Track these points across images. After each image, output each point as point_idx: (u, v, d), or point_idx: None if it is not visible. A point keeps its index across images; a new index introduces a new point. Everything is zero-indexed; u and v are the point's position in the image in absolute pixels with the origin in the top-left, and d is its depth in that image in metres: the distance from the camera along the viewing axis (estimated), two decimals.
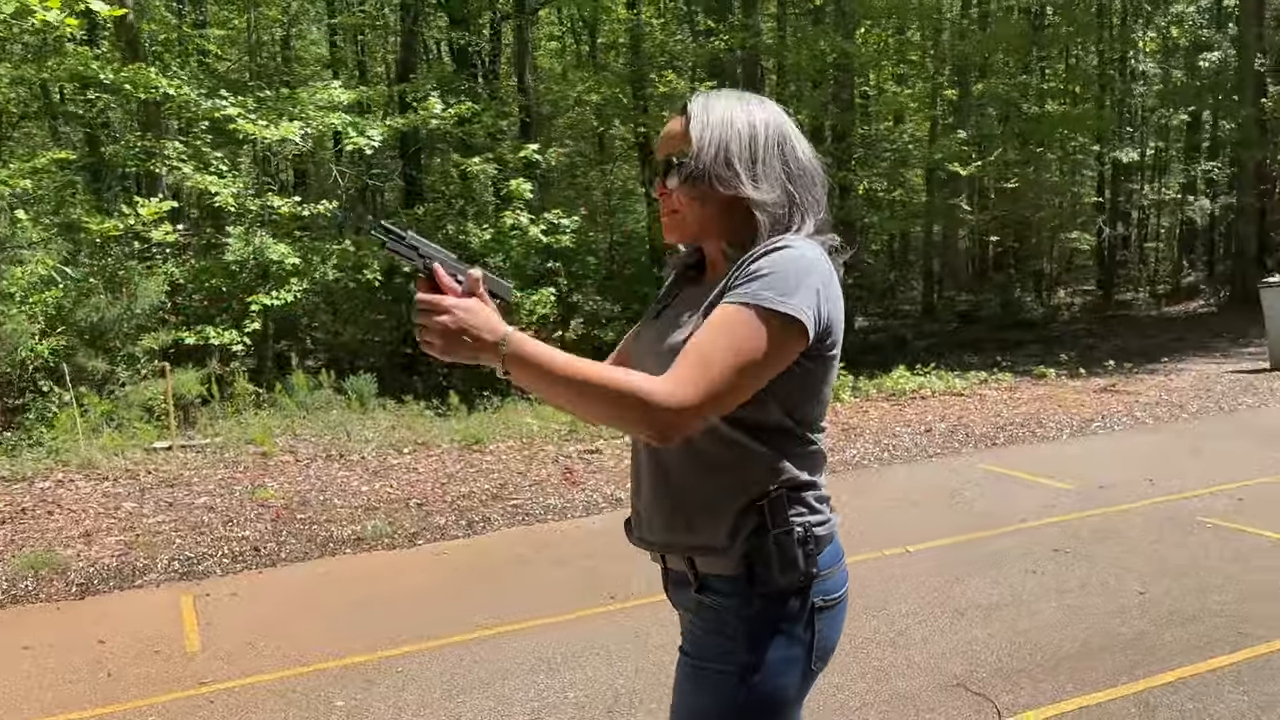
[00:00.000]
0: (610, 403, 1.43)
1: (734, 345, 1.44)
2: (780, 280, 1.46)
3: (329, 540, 5.68)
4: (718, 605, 1.58)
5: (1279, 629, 3.83)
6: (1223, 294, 20.69)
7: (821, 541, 1.58)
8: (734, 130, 1.58)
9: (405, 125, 10.50)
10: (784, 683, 1.57)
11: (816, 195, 1.63)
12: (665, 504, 1.61)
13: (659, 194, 1.64)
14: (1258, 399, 9.27)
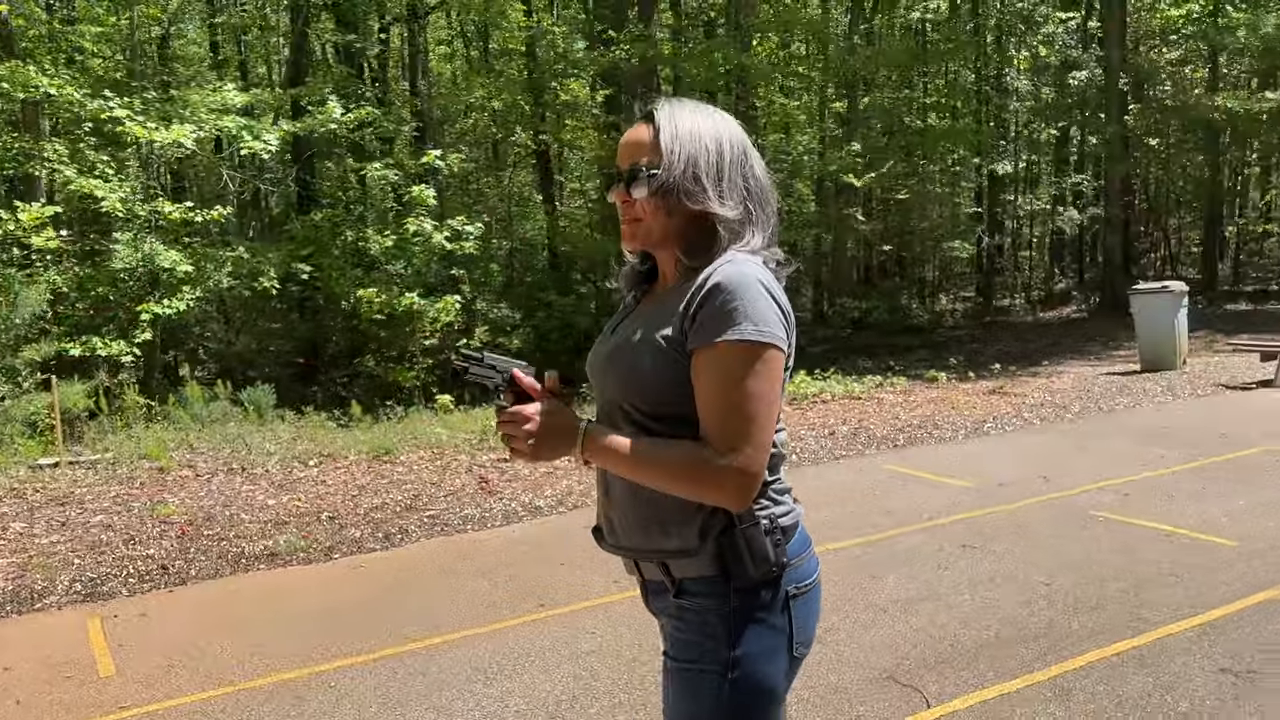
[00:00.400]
0: (683, 483, 1.55)
1: (753, 389, 1.53)
2: (751, 309, 1.53)
3: (240, 556, 5.52)
4: (698, 606, 1.62)
5: (1173, 614, 4.10)
6: (1093, 300, 21.84)
7: (788, 531, 1.64)
8: (702, 145, 1.61)
9: (303, 129, 10.26)
10: (769, 671, 1.62)
11: (769, 211, 1.69)
12: (639, 511, 1.65)
13: (621, 201, 1.66)
14: (1132, 399, 9.84)
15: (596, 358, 1.76)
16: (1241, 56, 22.18)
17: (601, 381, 1.71)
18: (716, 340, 1.52)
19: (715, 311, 1.53)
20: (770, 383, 1.55)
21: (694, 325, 1.55)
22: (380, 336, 11.57)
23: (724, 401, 1.52)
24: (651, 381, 1.59)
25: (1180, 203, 27.57)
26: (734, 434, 1.51)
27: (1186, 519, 5.47)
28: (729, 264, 1.57)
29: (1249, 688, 3.40)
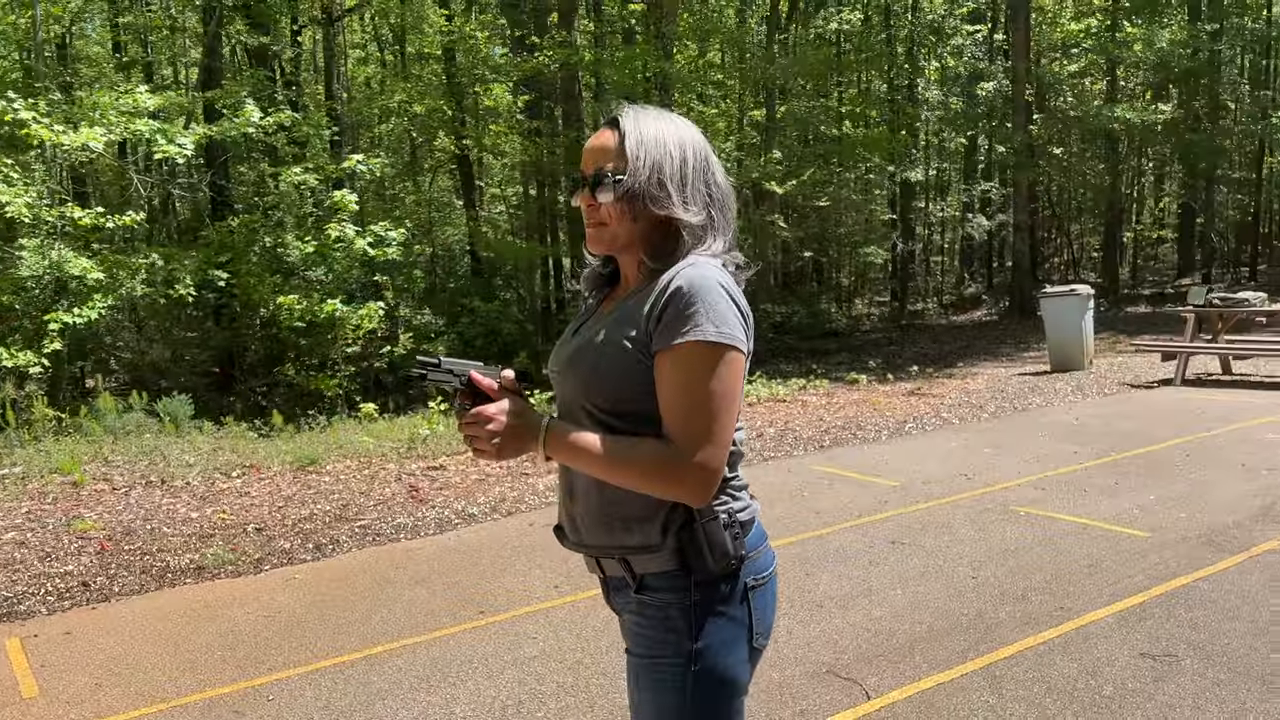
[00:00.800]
0: (644, 479, 1.58)
1: (715, 389, 1.57)
2: (712, 311, 1.57)
3: (166, 570, 5.37)
4: (659, 601, 1.66)
5: (1093, 602, 4.28)
6: (1002, 303, 22.55)
7: (746, 526, 1.69)
8: (666, 151, 1.66)
9: (219, 133, 10.01)
10: (731, 662, 1.66)
11: (729, 216, 1.74)
12: (602, 509, 1.68)
13: (586, 205, 1.70)
14: (1044, 398, 10.20)
15: (559, 358, 1.78)
16: (1137, 70, 23.17)
17: (563, 381, 1.74)
18: (679, 341, 1.56)
19: (678, 313, 1.57)
20: (731, 382, 1.59)
21: (658, 327, 1.59)
22: (301, 344, 11.34)
23: (686, 400, 1.56)
24: (615, 381, 1.63)
25: (1082, 209, 28.67)
26: (696, 432, 1.56)
27: (1101, 512, 5.70)
28: (690, 267, 1.62)
29: (1168, 670, 3.57)
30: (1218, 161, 22.31)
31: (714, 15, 24.13)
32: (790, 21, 23.45)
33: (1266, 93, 23.83)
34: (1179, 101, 21.88)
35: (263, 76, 14.40)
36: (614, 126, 1.69)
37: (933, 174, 29.34)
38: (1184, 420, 8.51)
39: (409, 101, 15.96)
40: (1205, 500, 5.85)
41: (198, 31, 17.81)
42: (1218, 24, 20.95)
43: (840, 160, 19.48)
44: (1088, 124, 20.86)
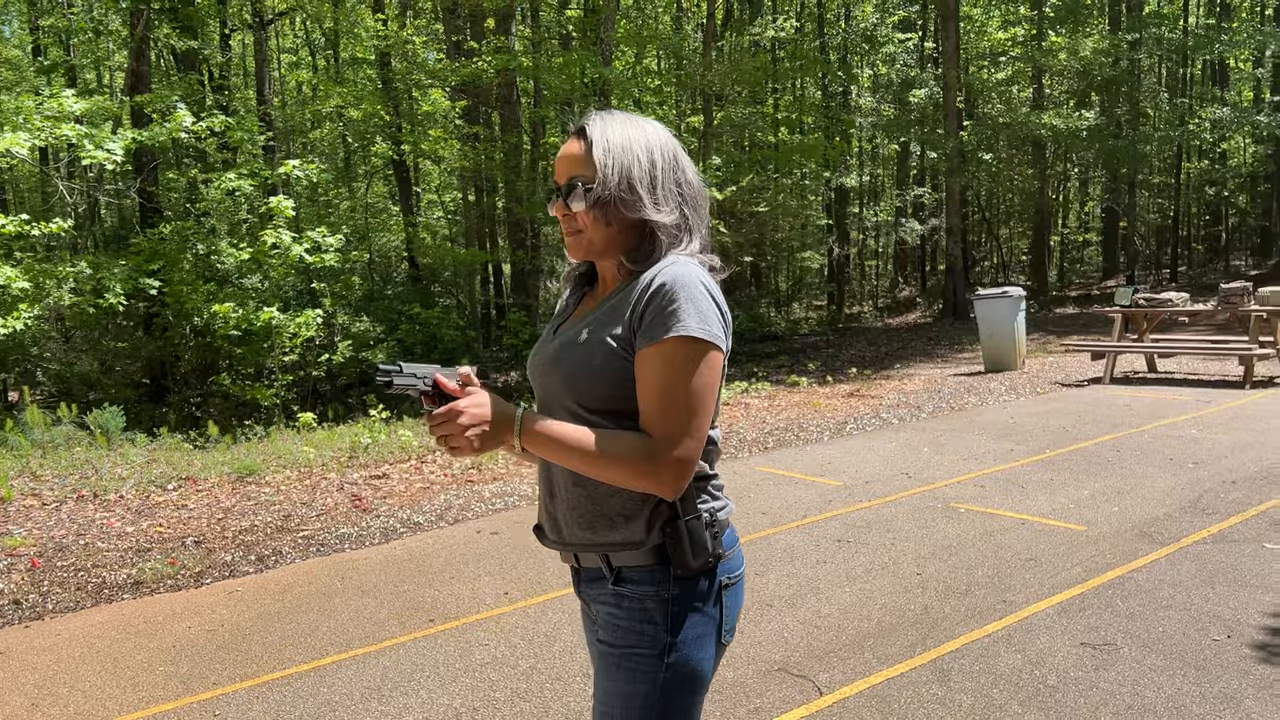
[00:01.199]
0: (618, 471, 1.60)
1: (695, 384, 1.60)
2: (694, 307, 1.60)
3: (102, 586, 5.22)
4: (637, 594, 1.69)
5: (1034, 595, 4.39)
6: (936, 306, 22.98)
7: (723, 525, 1.74)
8: (634, 155, 1.68)
9: (150, 138, 9.78)
10: (701, 657, 1.70)
11: (703, 215, 1.77)
12: (587, 507, 1.71)
13: (560, 214, 1.73)
14: (979, 398, 10.42)
15: (540, 358, 1.80)
16: (1062, 78, 23.82)
17: (544, 380, 1.75)
18: (662, 337, 1.59)
19: (661, 310, 1.59)
20: (709, 379, 1.62)
21: (641, 323, 1.61)
22: (236, 353, 11.12)
23: (665, 394, 1.59)
24: (598, 378, 1.65)
25: (1011, 214, 29.36)
26: (674, 426, 1.58)
27: (1039, 507, 5.85)
28: (672, 265, 1.65)
29: (1108, 658, 3.68)
30: (1139, 167, 23.03)
31: (650, 22, 24.27)
32: (726, 29, 23.69)
33: (1183, 100, 24.68)
34: (1102, 108, 22.54)
35: (193, 81, 14.10)
36: (581, 135, 1.72)
37: (867, 180, 29.84)
38: (1114, 417, 8.77)
39: (344, 106, 15.75)
40: (1137, 494, 6.04)
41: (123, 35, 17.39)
42: (1137, 34, 21.64)
43: (777, 166, 19.71)
44: (1016, 130, 21.39)
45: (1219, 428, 8.00)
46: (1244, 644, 3.74)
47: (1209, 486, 6.13)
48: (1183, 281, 23.81)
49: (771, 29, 20.75)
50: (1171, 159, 25.28)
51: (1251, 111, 22.09)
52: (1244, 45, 21.75)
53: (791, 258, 24.50)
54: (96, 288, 9.90)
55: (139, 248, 10.84)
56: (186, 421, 10.34)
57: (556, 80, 14.97)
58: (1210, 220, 30.10)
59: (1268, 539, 5.01)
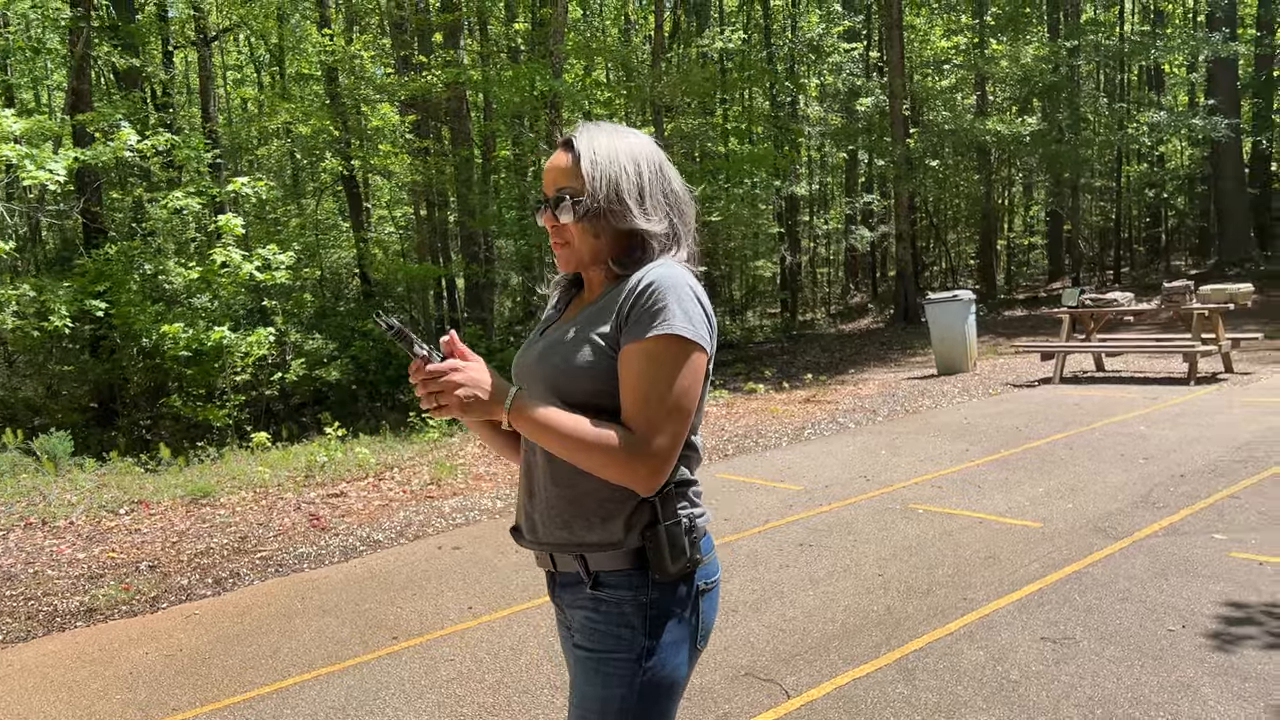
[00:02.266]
0: (597, 458, 1.60)
1: (678, 383, 1.61)
2: (681, 309, 1.62)
3: (54, 615, 5.10)
4: (616, 598, 1.69)
5: (994, 592, 4.45)
6: (888, 311, 23.25)
7: (701, 531, 1.74)
8: (621, 167, 1.70)
9: (93, 158, 9.60)
10: (677, 662, 1.71)
11: (688, 222, 1.80)
12: (565, 507, 1.72)
13: (550, 226, 1.75)
14: (933, 400, 10.56)
15: (527, 357, 1.81)
16: (1005, 84, 24.27)
17: (530, 379, 1.75)
18: (647, 334, 1.60)
19: (648, 307, 1.61)
20: (693, 379, 1.63)
21: (627, 321, 1.63)
22: (186, 374, 10.93)
23: (648, 391, 1.60)
24: (582, 374, 1.66)
25: (958, 219, 29.82)
26: (654, 422, 1.60)
27: (996, 506, 5.94)
28: (661, 266, 1.67)
29: (1068, 652, 3.74)
30: (1081, 170, 23.51)
31: (599, 35, 24.35)
32: (674, 41, 23.83)
33: (1122, 105, 25.24)
34: (1043, 114, 22.99)
35: (137, 99, 13.87)
36: (569, 147, 1.73)
37: (816, 188, 30.15)
38: (1065, 416, 8.93)
39: (292, 123, 15.59)
40: (1090, 490, 6.15)
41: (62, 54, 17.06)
42: (1075, 41, 22.12)
43: (728, 176, 19.84)
44: (961, 137, 21.73)
45: (1166, 424, 8.18)
46: (1198, 633, 3.83)
47: (1159, 481, 6.26)
48: (1126, 282, 24.34)
49: (719, 40, 20.92)
50: (1112, 162, 25.85)
51: (1187, 115, 22.67)
52: (1178, 51, 22.32)
53: (744, 267, 24.68)
54: (40, 310, 9.68)
55: (84, 269, 10.63)
56: (137, 445, 10.14)
57: (506, 93, 14.95)
58: (1151, 222, 30.81)
59: (1217, 530, 5.13)
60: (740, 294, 28.10)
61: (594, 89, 19.23)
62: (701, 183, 16.31)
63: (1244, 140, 23.99)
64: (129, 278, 10.65)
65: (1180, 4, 28.19)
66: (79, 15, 12.15)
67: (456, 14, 16.16)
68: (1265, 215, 25.13)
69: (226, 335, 10.25)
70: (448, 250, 18.07)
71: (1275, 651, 3.62)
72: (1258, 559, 4.64)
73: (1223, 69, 22.62)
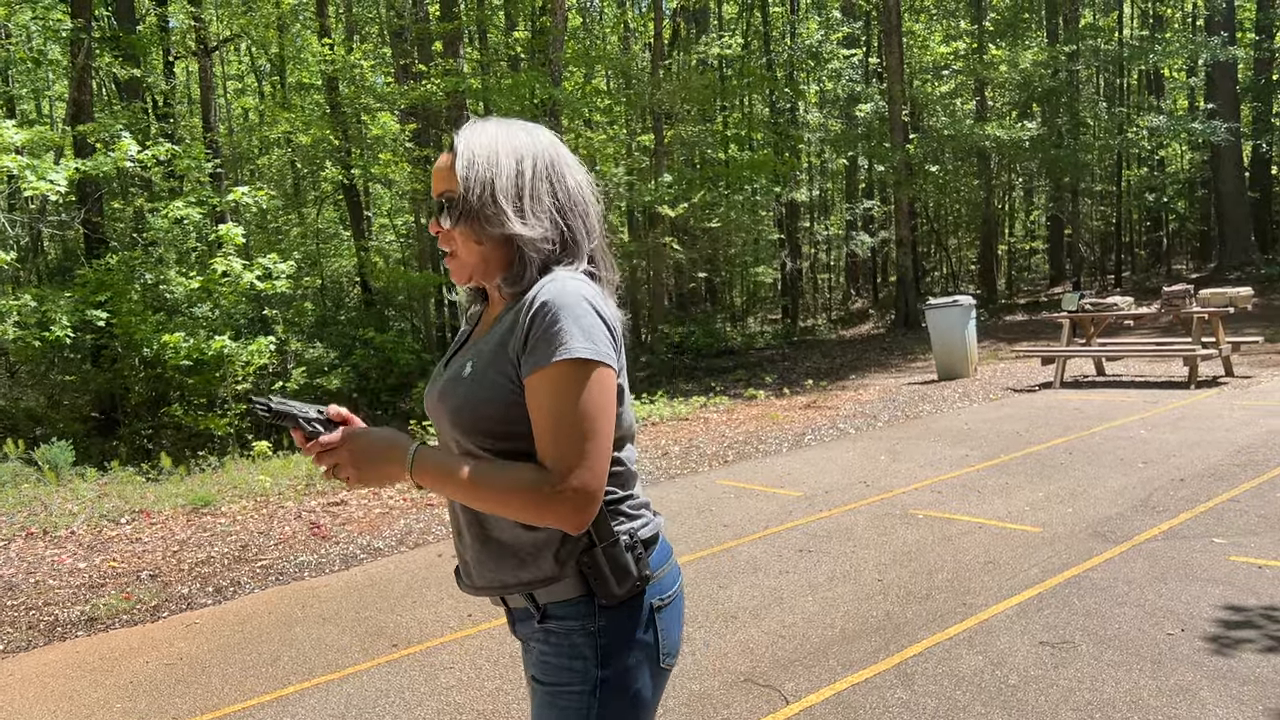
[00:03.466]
0: (515, 506, 1.50)
1: (588, 408, 1.49)
2: (578, 326, 1.49)
3: (55, 624, 5.11)
4: (564, 629, 1.60)
5: (993, 597, 4.46)
6: (888, 317, 23.26)
7: (648, 544, 1.64)
8: (498, 165, 1.57)
9: (94, 168, 9.63)
10: (638, 687, 1.62)
11: (590, 223, 1.64)
12: (491, 549, 1.62)
13: (435, 233, 1.63)
14: (934, 406, 10.56)
15: (430, 395, 1.70)
16: (1004, 90, 24.32)
17: (436, 417, 1.67)
18: (548, 363, 1.48)
19: (544, 333, 1.49)
20: (603, 400, 1.51)
21: (525, 349, 1.51)
22: (188, 384, 10.95)
23: (557, 422, 1.49)
24: (485, 414, 1.56)
25: (959, 224, 29.86)
26: (569, 454, 1.48)
27: (995, 511, 5.94)
28: (552, 282, 1.54)
29: (1067, 656, 3.74)
30: (1081, 175, 23.55)
31: (599, 42, 24.41)
32: (673, 48, 23.89)
33: (1121, 109, 25.28)
34: (1043, 119, 23.03)
35: (137, 109, 13.93)
36: (451, 148, 1.60)
37: (816, 194, 30.21)
38: (1065, 421, 8.93)
39: (292, 132, 15.64)
40: (1089, 495, 6.16)
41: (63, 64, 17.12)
42: (1074, 46, 22.17)
43: (728, 182, 19.88)
44: (960, 142, 21.77)
45: (1166, 427, 8.18)
46: (1197, 637, 3.83)
47: (1159, 485, 6.26)
48: (1127, 286, 24.35)
49: (718, 47, 20.98)
50: (1112, 167, 25.89)
51: (1187, 119, 22.70)
52: (1177, 55, 22.36)
53: (745, 273, 24.69)
54: (42, 321, 9.71)
55: (85, 279, 10.66)
56: (138, 454, 10.16)
57: (506, 101, 14.99)
58: (1151, 226, 30.84)
59: (1216, 534, 5.14)
60: (741, 300, 28.16)
61: (593, 97, 19.28)
62: (701, 189, 16.34)
63: (1244, 144, 24.03)
64: (130, 287, 10.68)
65: (1179, 8, 28.23)
66: (80, 26, 12.20)
67: (456, 23, 16.21)
68: (1266, 219, 25.15)
69: (227, 344, 10.27)
70: None
71: (1274, 655, 3.62)
72: (1257, 563, 4.64)
73: (1222, 73, 22.65)
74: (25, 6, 12.55)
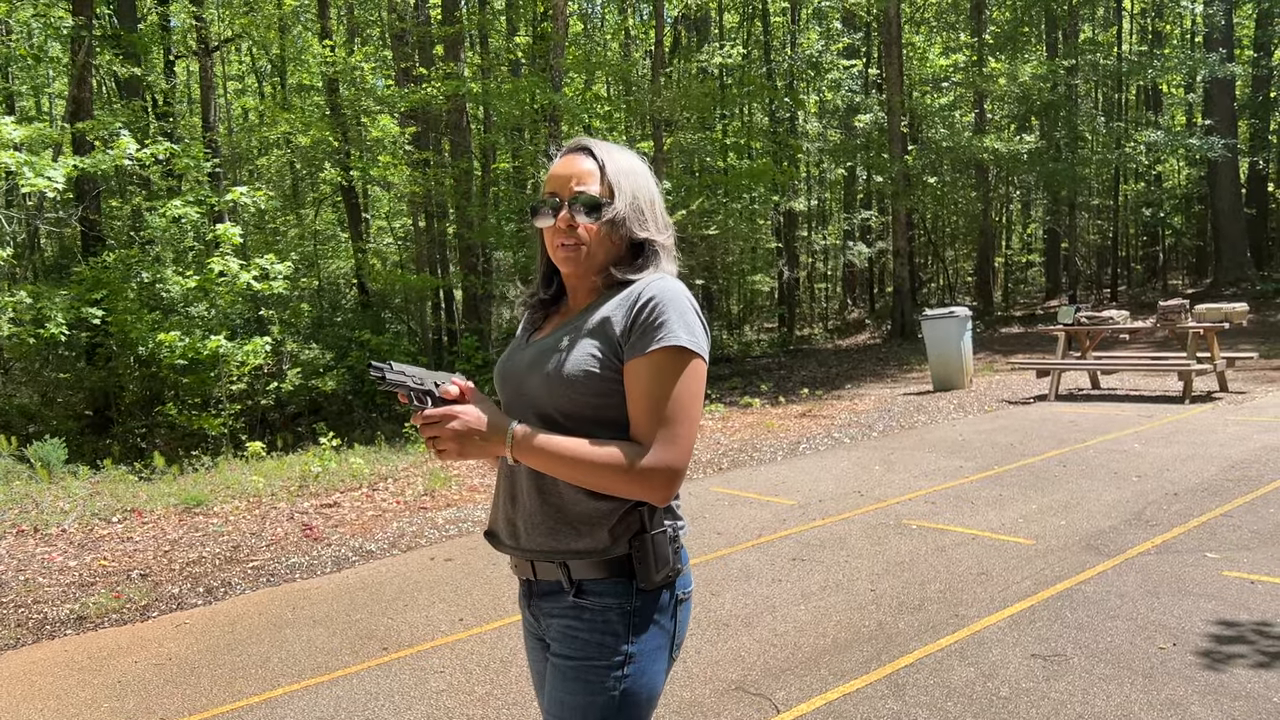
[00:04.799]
0: (607, 478, 1.63)
1: (683, 393, 1.65)
2: (683, 320, 1.66)
3: (44, 622, 5.09)
4: (599, 605, 1.71)
5: (985, 608, 4.45)
6: (885, 327, 23.28)
7: (680, 541, 1.78)
8: (639, 180, 1.78)
9: (92, 166, 9.61)
10: (656, 670, 1.74)
11: (673, 237, 1.86)
12: (550, 514, 1.73)
13: (563, 226, 1.74)
14: (929, 416, 10.56)
15: (512, 363, 1.82)
16: (1003, 102, 24.38)
17: (518, 387, 1.77)
18: (654, 347, 1.64)
19: (651, 321, 1.65)
20: (696, 388, 1.67)
21: (630, 335, 1.66)
22: (182, 383, 10.92)
23: (656, 402, 1.63)
24: (579, 384, 1.67)
25: (956, 236, 29.89)
26: (664, 433, 1.63)
27: (989, 522, 5.94)
28: (660, 279, 1.71)
29: (1058, 669, 3.74)
30: (1078, 189, 23.60)
31: (599, 49, 24.44)
32: (674, 56, 23.92)
33: (1119, 124, 25.35)
34: (1041, 132, 23.09)
35: (137, 108, 13.91)
36: (587, 154, 1.77)
37: (815, 204, 30.24)
38: (1059, 433, 8.94)
39: (292, 133, 15.62)
40: (1083, 508, 6.16)
41: (63, 62, 17.11)
42: (1073, 60, 22.23)
43: (727, 191, 19.89)
44: (959, 154, 21.81)
45: (1160, 442, 8.19)
46: (1189, 651, 3.83)
47: (1152, 499, 6.27)
48: (1123, 300, 24.38)
49: (719, 56, 21.01)
50: (1109, 181, 25.94)
51: (1184, 135, 22.77)
52: (1175, 71, 22.44)
53: (742, 281, 24.70)
54: (37, 318, 9.68)
55: (81, 276, 10.64)
56: (131, 453, 10.12)
57: (506, 106, 15.01)
58: (1148, 240, 30.89)
59: (1209, 549, 5.14)
60: (738, 308, 28.15)
61: (594, 103, 19.30)
62: (700, 196, 16.34)
63: (1241, 160, 24.09)
64: (126, 286, 10.65)
65: (1178, 25, 28.34)
66: (80, 24, 12.19)
67: (458, 27, 16.23)
68: (1262, 236, 25.22)
69: (223, 344, 10.25)
70: (446, 261, 18.10)
71: (1265, 671, 3.62)
72: (1249, 578, 4.64)
73: (1220, 89, 22.72)
74: (26, 3, 12.55)
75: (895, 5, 20.84)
